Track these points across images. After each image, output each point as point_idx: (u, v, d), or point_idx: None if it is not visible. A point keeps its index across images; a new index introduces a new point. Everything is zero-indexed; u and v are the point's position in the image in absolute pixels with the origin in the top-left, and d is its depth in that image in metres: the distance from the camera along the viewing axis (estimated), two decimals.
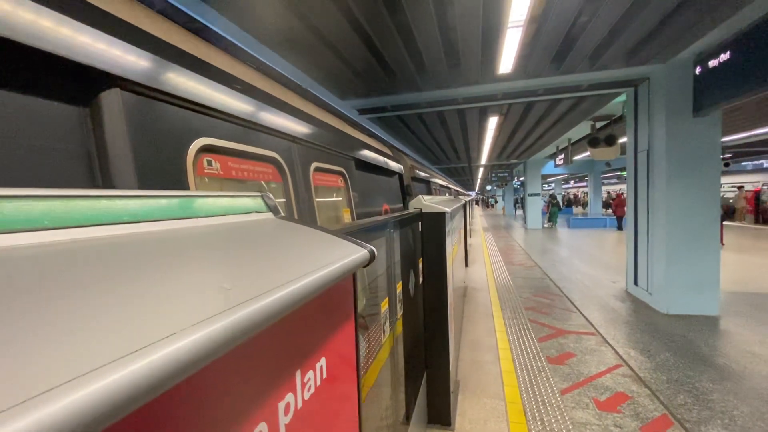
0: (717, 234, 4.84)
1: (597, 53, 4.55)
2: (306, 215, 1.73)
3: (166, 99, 0.97)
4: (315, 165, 1.94)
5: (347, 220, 2.41)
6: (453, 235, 3.32)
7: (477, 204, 51.37)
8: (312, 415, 0.56)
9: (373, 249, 0.71)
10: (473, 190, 47.07)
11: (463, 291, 6.11)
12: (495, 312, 5.21)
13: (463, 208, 6.53)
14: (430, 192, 7.02)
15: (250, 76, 1.49)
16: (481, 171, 23.88)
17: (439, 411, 2.66)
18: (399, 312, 1.92)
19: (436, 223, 2.56)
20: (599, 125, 7.75)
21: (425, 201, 2.61)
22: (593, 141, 7.34)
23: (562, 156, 11.64)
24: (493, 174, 25.24)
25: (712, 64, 4.22)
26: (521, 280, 7.12)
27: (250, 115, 1.34)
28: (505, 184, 28.82)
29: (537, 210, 17.46)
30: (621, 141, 7.20)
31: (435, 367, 2.64)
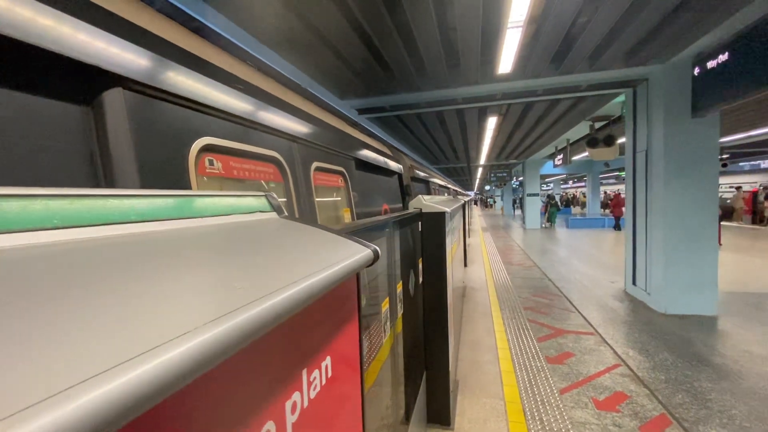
0: (715, 234, 4.86)
1: (596, 54, 4.57)
2: (307, 215, 1.73)
3: (168, 98, 0.97)
4: (315, 164, 1.94)
5: (347, 219, 2.41)
6: (452, 235, 3.32)
7: (476, 204, 51.43)
8: (317, 414, 0.56)
9: (377, 248, 0.72)
10: (472, 190, 47.14)
11: (462, 291, 6.11)
12: (494, 312, 5.22)
13: (463, 208, 6.54)
14: (429, 192, 7.03)
15: (251, 75, 1.49)
16: (480, 171, 23.91)
17: (439, 410, 2.66)
18: (399, 312, 1.92)
19: (436, 223, 2.56)
20: (598, 126, 7.77)
21: (425, 201, 2.61)
22: (592, 141, 7.36)
23: (560, 156, 11.66)
24: (492, 174, 25.28)
25: (710, 65, 4.23)
26: (520, 280, 7.13)
27: (251, 115, 1.34)
28: (504, 184, 28.85)
29: (536, 210, 17.49)
30: (620, 141, 7.21)
31: (434, 367, 2.64)
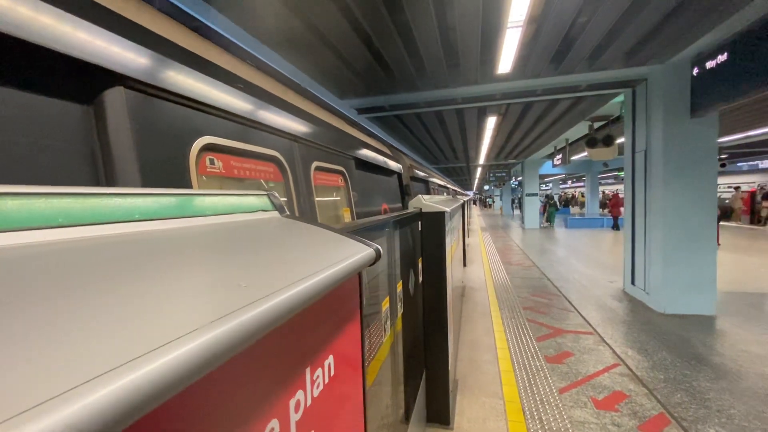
0: (713, 234, 4.88)
1: (596, 54, 4.57)
2: (307, 214, 1.73)
3: (169, 97, 0.97)
4: (315, 164, 1.94)
5: (347, 219, 2.41)
6: (452, 235, 3.33)
7: (475, 204, 51.48)
8: (320, 413, 0.56)
9: (379, 248, 0.72)
10: (471, 189, 47.17)
11: (462, 291, 6.12)
12: (493, 312, 5.22)
13: (462, 207, 6.54)
14: (428, 191, 7.03)
15: (251, 75, 1.49)
16: (479, 171, 23.92)
17: (438, 410, 2.67)
18: (399, 311, 1.93)
19: (435, 223, 2.56)
20: (597, 126, 7.78)
21: (425, 200, 2.61)
22: (591, 141, 7.37)
23: (559, 156, 11.67)
24: (491, 174, 25.28)
25: (709, 65, 4.24)
26: (519, 279, 7.14)
27: (251, 114, 1.34)
28: (503, 184, 28.86)
29: (534, 210, 17.52)
30: (619, 141, 7.22)
31: (434, 366, 2.64)
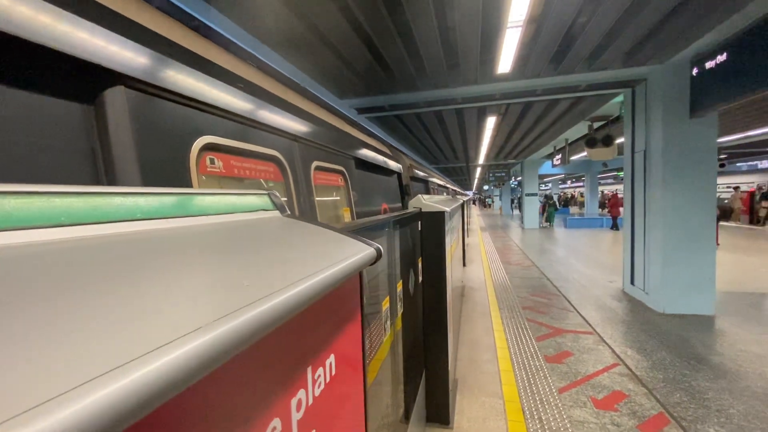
0: (713, 234, 4.88)
1: (595, 54, 4.58)
2: (307, 214, 1.73)
3: (169, 97, 0.97)
4: (315, 164, 1.94)
5: (347, 218, 2.41)
6: (451, 235, 3.33)
7: (474, 203, 51.51)
8: (322, 412, 0.56)
9: (380, 247, 0.72)
10: (470, 189, 47.20)
11: (461, 291, 6.12)
12: (493, 311, 5.23)
13: (461, 207, 6.55)
14: (428, 191, 7.03)
15: (252, 74, 1.49)
16: (479, 171, 23.94)
17: (438, 409, 2.67)
18: (399, 311, 1.93)
19: (435, 222, 2.56)
20: (597, 126, 7.79)
21: (424, 200, 2.61)
22: (590, 141, 7.38)
23: (559, 156, 11.69)
24: (491, 174, 25.29)
25: (708, 65, 4.25)
26: (519, 279, 7.15)
27: (252, 114, 1.34)
28: (503, 183, 28.86)
29: (534, 210, 17.54)
30: (618, 141, 7.24)
31: (434, 366, 2.65)
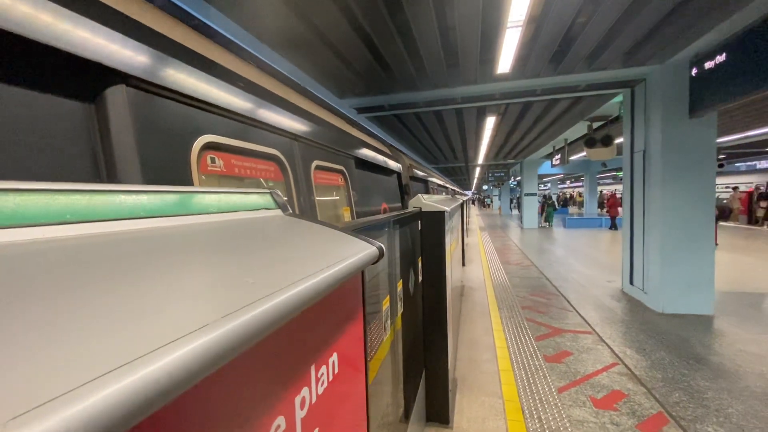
0: (712, 234, 4.89)
1: (595, 54, 4.58)
2: (307, 213, 1.73)
3: (170, 96, 0.97)
4: (316, 163, 1.94)
5: (347, 218, 2.41)
6: (451, 234, 3.33)
7: (473, 203, 51.54)
8: (324, 410, 0.56)
9: (382, 246, 0.72)
10: (470, 189, 47.24)
11: (461, 290, 6.12)
12: (492, 311, 5.23)
13: (461, 207, 6.55)
14: (427, 191, 7.04)
15: (252, 74, 1.49)
16: (478, 171, 23.94)
17: (438, 409, 2.67)
18: (399, 310, 1.93)
19: (435, 222, 2.56)
20: (596, 126, 7.80)
21: (424, 200, 2.61)
22: (590, 141, 7.39)
23: (558, 156, 11.70)
24: (490, 174, 25.29)
25: (708, 65, 4.26)
26: (518, 279, 7.15)
27: (252, 113, 1.34)
28: (502, 183, 28.86)
29: (533, 210, 17.55)
30: (617, 141, 7.24)
31: (433, 366, 2.65)
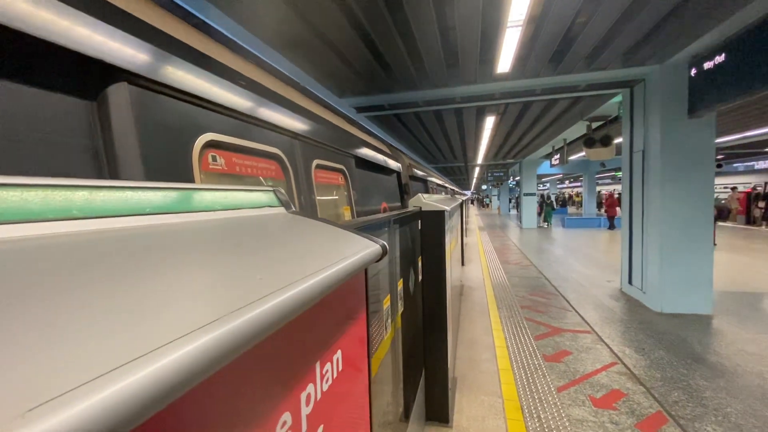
0: (710, 234, 4.90)
1: (594, 54, 4.59)
2: (308, 212, 1.73)
3: (172, 94, 0.97)
4: (316, 162, 1.94)
5: (347, 217, 2.41)
6: (450, 234, 3.33)
7: (473, 203, 51.60)
8: (329, 406, 0.56)
9: (385, 244, 0.72)
10: (469, 189, 47.28)
11: (460, 290, 6.13)
12: (491, 311, 5.24)
13: (460, 207, 6.56)
14: (427, 191, 7.04)
15: (253, 72, 1.49)
16: (477, 170, 23.96)
17: (438, 408, 2.67)
18: (399, 309, 1.93)
19: (435, 222, 2.56)
20: (595, 126, 7.80)
21: (424, 199, 2.61)
22: (589, 141, 7.40)
23: (557, 156, 11.71)
24: (489, 173, 25.32)
25: (707, 66, 4.26)
26: (517, 279, 7.16)
27: (254, 111, 1.34)
28: (501, 183, 28.89)
29: (532, 210, 17.58)
30: (616, 141, 7.25)
31: (433, 365, 2.65)
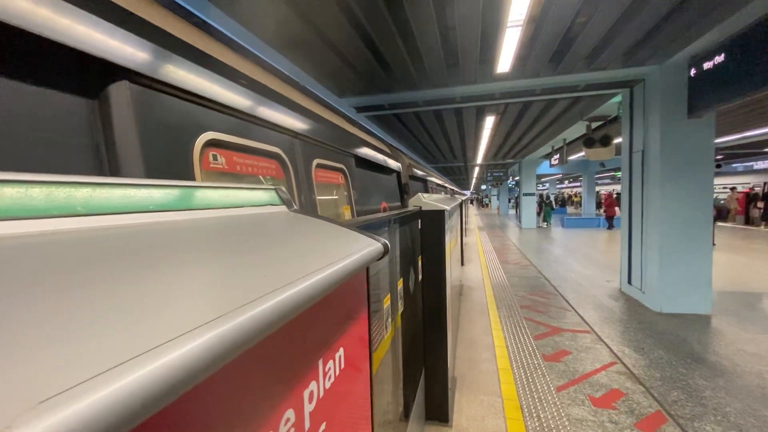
0: (710, 234, 4.91)
1: (594, 54, 4.59)
2: (309, 211, 1.73)
3: (173, 93, 0.97)
4: (317, 161, 1.94)
5: (347, 217, 2.41)
6: (450, 233, 3.34)
7: (472, 203, 51.63)
8: (331, 404, 0.56)
9: (387, 242, 0.72)
10: (468, 189, 47.32)
11: (459, 290, 6.13)
12: (491, 310, 5.24)
13: (460, 206, 6.56)
14: (426, 190, 7.04)
15: (254, 72, 1.49)
16: (477, 170, 23.96)
17: (437, 407, 2.68)
18: (399, 309, 1.93)
19: (435, 221, 2.56)
20: (595, 126, 7.81)
21: (424, 199, 2.61)
22: (588, 141, 7.40)
23: (557, 156, 11.72)
24: (489, 173, 25.34)
25: (706, 66, 4.27)
26: (516, 278, 7.17)
27: (255, 111, 1.34)
28: (500, 183, 28.89)
29: (532, 210, 17.59)
30: (616, 141, 7.26)
31: (433, 364, 2.65)
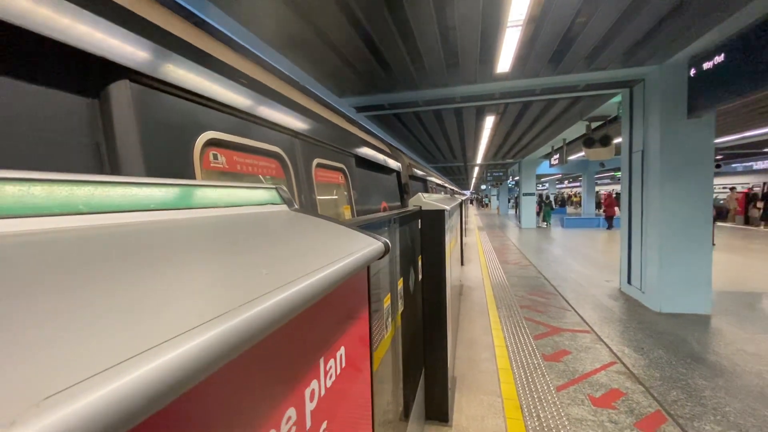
0: (709, 234, 4.91)
1: (594, 54, 4.59)
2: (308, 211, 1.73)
3: (174, 92, 0.97)
4: (317, 161, 1.94)
5: (347, 216, 2.41)
6: (450, 233, 3.34)
7: (472, 203, 51.64)
8: (332, 403, 0.56)
9: (387, 241, 0.72)
10: (468, 189, 47.34)
11: (459, 289, 6.13)
12: (491, 310, 5.24)
13: (460, 206, 6.56)
14: (426, 190, 7.04)
15: (254, 71, 1.49)
16: (477, 170, 23.97)
17: (437, 407, 2.68)
18: (399, 308, 1.93)
19: (435, 221, 2.56)
20: (594, 126, 7.81)
21: (424, 198, 2.61)
22: (588, 141, 7.40)
23: (557, 156, 11.72)
24: (488, 173, 25.36)
25: (706, 66, 4.27)
26: (516, 278, 7.17)
27: (255, 110, 1.34)
28: (500, 183, 28.90)
29: (531, 210, 17.60)
30: (616, 141, 7.26)
31: (433, 364, 2.65)
